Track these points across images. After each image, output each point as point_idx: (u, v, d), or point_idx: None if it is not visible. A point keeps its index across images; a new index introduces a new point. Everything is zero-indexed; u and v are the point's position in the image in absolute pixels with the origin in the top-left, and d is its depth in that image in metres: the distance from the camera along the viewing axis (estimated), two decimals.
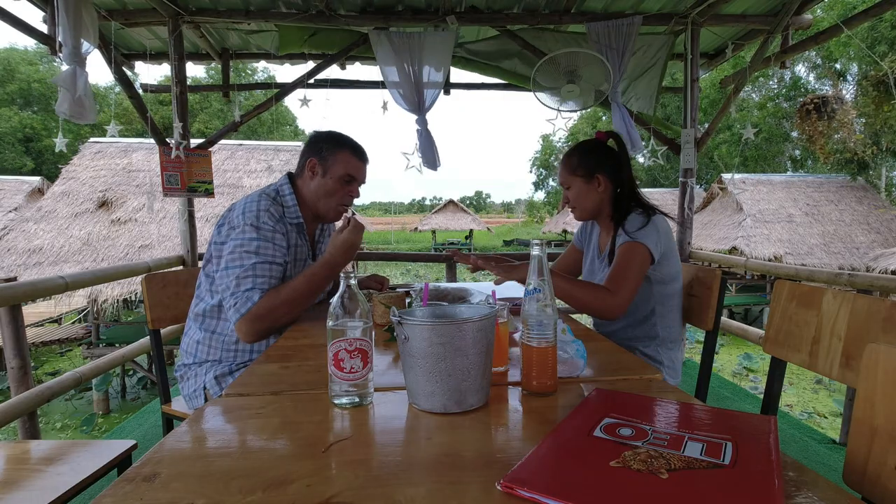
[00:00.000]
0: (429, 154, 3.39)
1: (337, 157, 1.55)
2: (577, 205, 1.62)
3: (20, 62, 27.64)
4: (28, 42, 31.23)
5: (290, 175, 1.61)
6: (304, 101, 3.64)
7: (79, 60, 2.37)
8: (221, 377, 1.49)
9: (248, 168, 9.36)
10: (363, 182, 1.64)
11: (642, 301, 1.55)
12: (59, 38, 2.36)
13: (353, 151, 1.58)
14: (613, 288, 1.37)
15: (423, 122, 3.36)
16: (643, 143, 3.43)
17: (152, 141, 3.48)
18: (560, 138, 33.22)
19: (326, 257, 1.42)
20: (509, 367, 1.05)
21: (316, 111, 3.81)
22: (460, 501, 0.58)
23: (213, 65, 3.97)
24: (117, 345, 6.94)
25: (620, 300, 1.37)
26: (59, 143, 2.71)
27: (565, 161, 1.62)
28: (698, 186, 19.68)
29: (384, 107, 3.58)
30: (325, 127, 1.66)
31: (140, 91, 3.63)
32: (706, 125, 3.69)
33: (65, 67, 2.36)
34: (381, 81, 3.36)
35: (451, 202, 28.67)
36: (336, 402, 0.88)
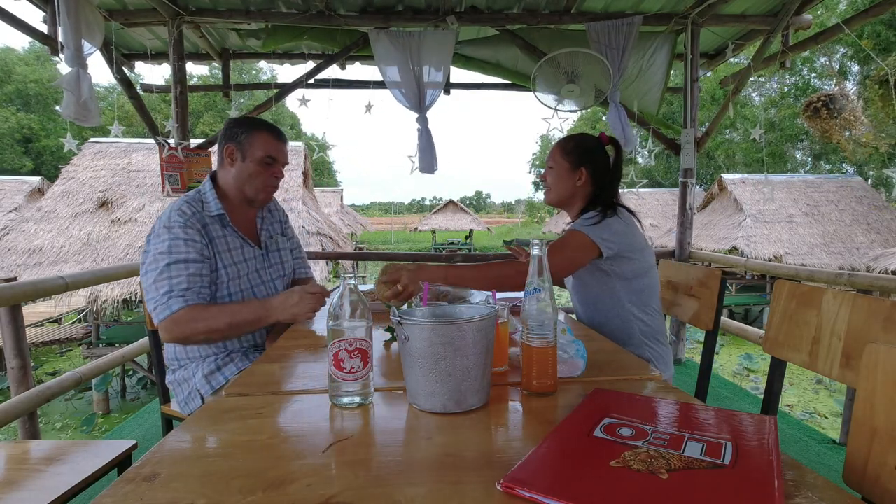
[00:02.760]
0: (427, 156, 3.39)
1: (253, 139, 1.52)
2: (552, 186, 1.65)
3: (17, 63, 27.65)
4: (24, 42, 31.24)
5: (213, 173, 1.59)
6: (303, 101, 3.63)
7: (81, 62, 2.37)
8: (210, 375, 1.49)
9: None
10: (285, 162, 1.61)
11: (609, 299, 1.57)
12: (61, 40, 2.35)
13: (269, 132, 1.55)
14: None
15: (423, 122, 3.36)
16: (640, 142, 3.43)
17: (152, 141, 3.48)
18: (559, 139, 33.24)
19: (260, 310, 1.40)
20: (509, 368, 1.05)
21: (316, 110, 3.81)
22: (460, 501, 0.58)
23: (214, 64, 3.97)
24: (117, 345, 6.94)
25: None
26: (69, 143, 2.72)
27: (561, 144, 1.64)
28: (698, 186, 19.70)
29: (368, 107, 3.57)
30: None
31: (140, 91, 3.63)
32: (705, 126, 3.69)
33: (67, 69, 2.36)
34: (382, 81, 3.36)
35: (451, 202, 28.67)
36: (336, 402, 0.88)
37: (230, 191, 1.55)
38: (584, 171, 1.60)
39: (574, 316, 1.80)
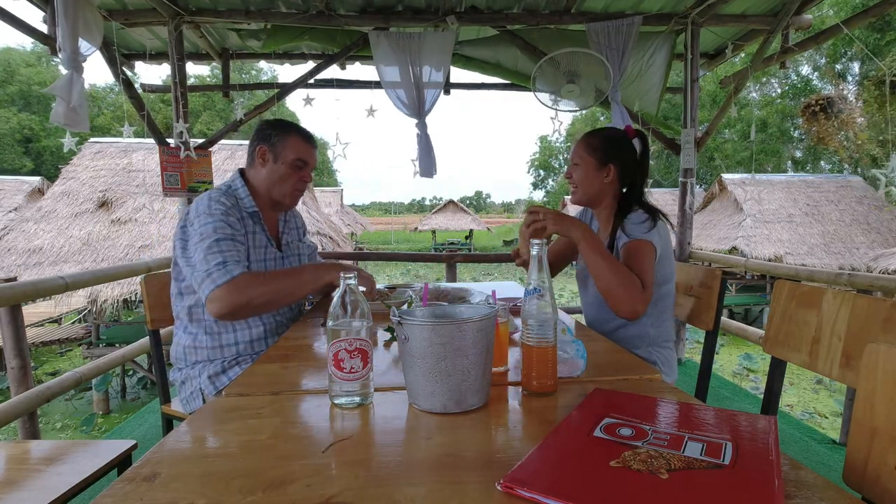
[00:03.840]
0: (426, 161, 3.39)
1: (287, 142, 1.56)
2: (579, 185, 1.58)
3: (20, 63, 27.66)
4: (26, 42, 31.24)
5: (241, 170, 1.62)
6: (308, 101, 3.63)
7: (76, 66, 2.35)
8: (215, 376, 1.49)
9: None
10: (314, 167, 1.65)
11: None
12: (59, 42, 2.34)
13: (302, 136, 1.59)
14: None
15: (422, 127, 3.36)
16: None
17: (152, 141, 3.48)
18: (558, 139, 33.27)
19: (320, 266, 1.52)
20: (508, 368, 1.05)
21: (317, 110, 3.82)
22: (460, 501, 0.58)
23: (214, 64, 3.97)
24: (117, 345, 6.94)
25: (647, 297, 1.32)
26: (68, 142, 2.72)
27: (586, 139, 1.58)
28: (698, 186, 19.67)
29: (370, 111, 3.57)
30: (339, 127, 1.71)
31: (140, 91, 3.63)
32: (705, 126, 3.69)
33: (63, 71, 2.35)
34: (380, 82, 3.36)
35: (451, 202, 28.68)
36: (336, 402, 0.88)
37: (260, 191, 1.59)
38: (612, 167, 1.53)
39: (581, 318, 1.77)
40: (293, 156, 1.56)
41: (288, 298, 1.45)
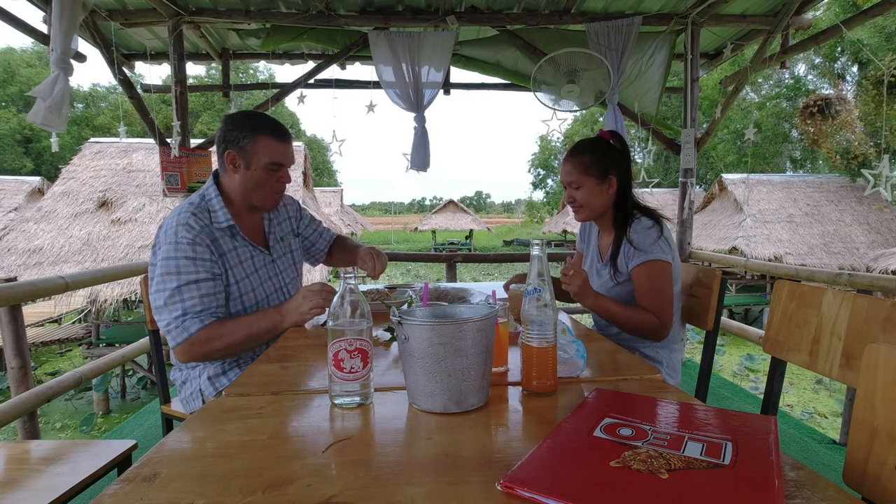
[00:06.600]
0: (420, 154, 3.37)
1: (257, 145, 1.41)
2: (586, 205, 1.57)
3: (20, 64, 27.68)
4: (25, 42, 31.26)
5: (215, 174, 1.50)
6: (301, 99, 3.63)
7: (65, 67, 2.34)
8: (215, 377, 1.48)
9: None
10: (292, 164, 1.50)
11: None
12: (51, 42, 2.33)
13: (273, 135, 1.43)
14: (658, 313, 1.43)
15: (420, 120, 3.35)
16: (639, 142, 3.43)
17: (152, 141, 3.48)
18: (557, 139, 33.23)
19: (275, 316, 1.39)
20: (508, 368, 1.05)
21: (316, 110, 3.82)
22: (460, 501, 0.58)
23: (213, 64, 3.97)
24: (117, 345, 6.94)
25: (666, 324, 1.43)
26: (55, 142, 2.72)
27: (577, 160, 1.55)
28: (698, 187, 19.62)
29: (370, 107, 3.56)
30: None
31: (140, 91, 3.63)
32: (705, 126, 3.69)
33: (53, 71, 2.34)
34: (380, 81, 3.36)
35: (451, 202, 28.68)
36: (336, 402, 0.88)
37: (235, 198, 1.48)
38: (613, 178, 1.54)
39: (580, 318, 1.78)
40: (266, 159, 1.42)
41: (251, 346, 1.42)
